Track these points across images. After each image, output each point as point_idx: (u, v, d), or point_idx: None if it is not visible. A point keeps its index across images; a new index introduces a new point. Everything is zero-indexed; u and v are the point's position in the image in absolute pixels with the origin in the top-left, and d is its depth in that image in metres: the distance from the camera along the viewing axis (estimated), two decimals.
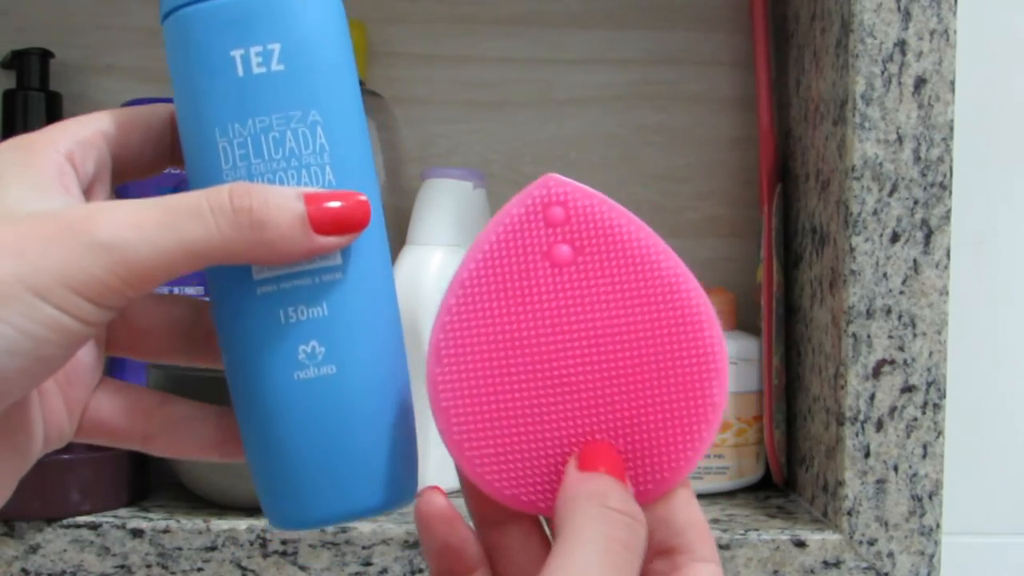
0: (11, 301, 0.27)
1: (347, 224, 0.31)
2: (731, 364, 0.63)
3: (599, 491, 0.30)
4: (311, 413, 0.31)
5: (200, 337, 0.35)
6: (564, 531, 0.29)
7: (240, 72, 0.31)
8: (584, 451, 0.31)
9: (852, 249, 0.55)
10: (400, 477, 0.32)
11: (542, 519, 0.33)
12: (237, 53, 0.31)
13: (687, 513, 0.32)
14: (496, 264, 0.31)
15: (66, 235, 0.28)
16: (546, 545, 0.33)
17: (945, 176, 0.55)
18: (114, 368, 0.68)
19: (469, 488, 0.33)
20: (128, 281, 0.28)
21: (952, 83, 0.55)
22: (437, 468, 0.58)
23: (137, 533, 0.55)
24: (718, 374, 0.32)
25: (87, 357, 0.33)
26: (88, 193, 0.32)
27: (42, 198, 0.29)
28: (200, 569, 0.55)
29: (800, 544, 0.56)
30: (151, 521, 0.55)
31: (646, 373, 0.32)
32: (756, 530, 0.56)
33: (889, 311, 0.55)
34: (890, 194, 0.55)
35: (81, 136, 0.32)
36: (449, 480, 0.46)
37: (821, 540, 0.56)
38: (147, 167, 0.34)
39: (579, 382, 0.32)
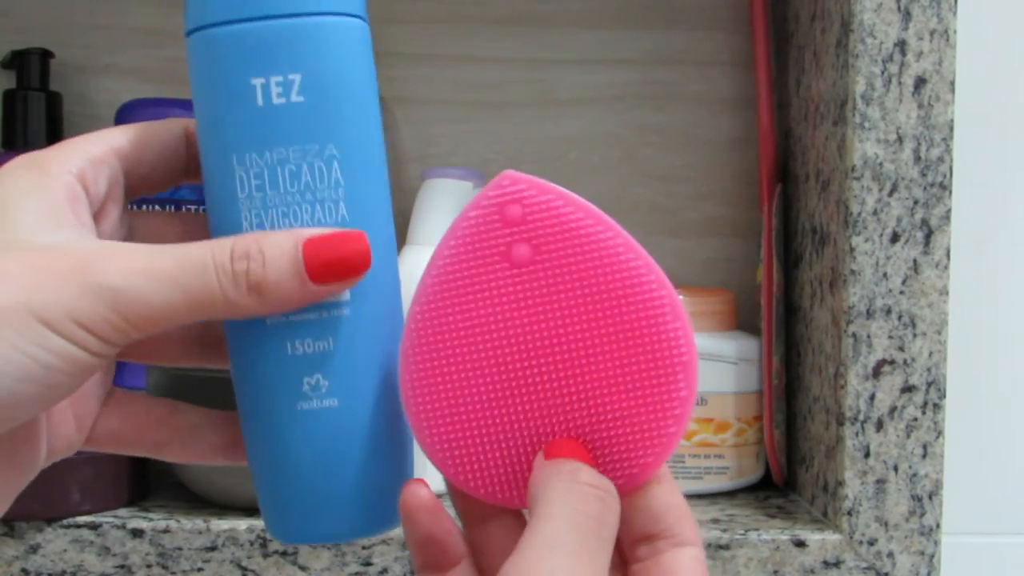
0: (23, 330, 0.28)
1: (345, 271, 0.31)
2: (731, 364, 0.63)
3: (569, 468, 0.30)
4: (311, 443, 0.32)
5: (212, 344, 0.36)
6: (536, 508, 0.30)
7: (260, 101, 0.32)
8: (549, 445, 0.31)
9: (852, 249, 0.55)
10: (391, 505, 0.33)
11: (526, 515, 0.33)
12: (258, 82, 0.31)
13: (666, 499, 0.32)
14: (457, 269, 0.32)
15: (76, 274, 0.29)
16: None
17: (945, 176, 0.55)
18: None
19: (452, 487, 0.33)
20: (134, 324, 0.29)
21: (952, 83, 0.55)
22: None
23: (137, 533, 0.55)
24: (684, 365, 0.31)
25: (99, 371, 0.34)
26: (100, 212, 0.33)
27: (55, 227, 0.30)
28: (200, 569, 0.55)
29: (800, 544, 0.56)
30: (151, 521, 0.55)
31: (613, 368, 0.31)
32: (756, 530, 0.56)
33: (889, 311, 0.55)
34: (890, 194, 0.55)
35: (93, 154, 0.32)
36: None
37: (821, 540, 0.56)
38: (161, 183, 0.35)
39: (547, 379, 0.32)
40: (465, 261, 0.32)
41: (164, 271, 0.29)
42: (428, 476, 0.34)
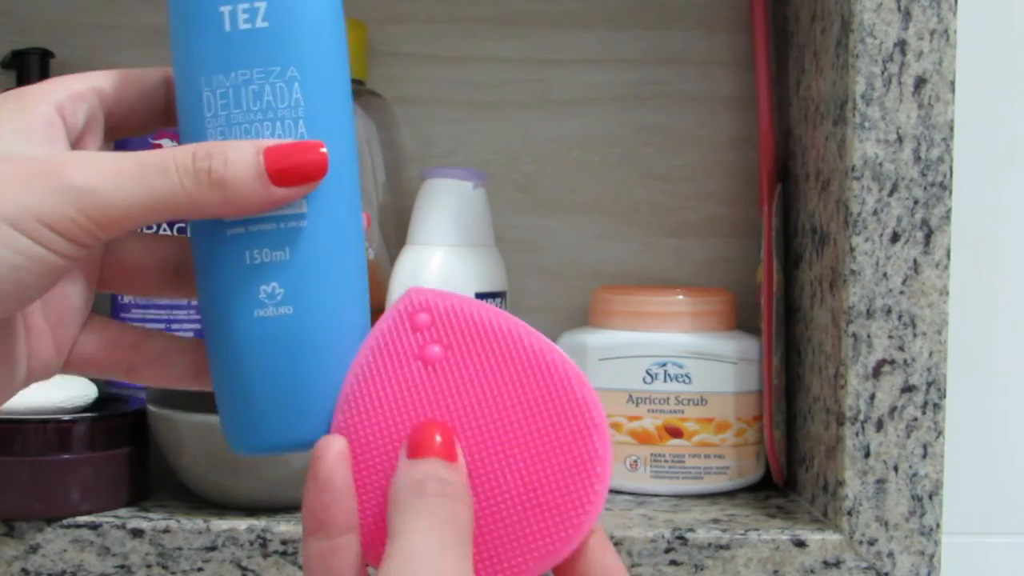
0: None
1: (304, 175, 0.33)
2: (731, 364, 0.63)
3: (416, 479, 0.32)
4: (267, 349, 0.34)
5: (188, 274, 0.37)
6: (392, 525, 0.31)
7: (227, 27, 0.34)
8: (411, 438, 0.33)
9: (852, 249, 0.55)
10: None
11: None
12: (226, 9, 0.34)
13: (602, 560, 0.34)
14: (375, 374, 0.34)
15: (43, 177, 0.31)
16: None
17: (945, 176, 0.55)
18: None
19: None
20: (99, 223, 0.31)
21: (952, 83, 0.55)
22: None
23: (137, 533, 0.55)
24: (597, 428, 0.33)
25: (76, 298, 0.35)
26: (77, 144, 0.35)
27: (28, 144, 0.32)
28: (200, 569, 0.55)
29: (800, 544, 0.56)
30: (151, 521, 0.55)
31: (531, 441, 0.33)
32: (756, 530, 0.56)
33: (889, 311, 0.55)
34: (890, 194, 0.55)
35: (73, 90, 0.34)
36: None
37: (821, 540, 0.56)
38: (141, 125, 0.37)
39: (472, 464, 0.33)
40: (382, 366, 0.34)
41: (127, 171, 0.31)
42: None
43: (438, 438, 0.33)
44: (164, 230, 0.65)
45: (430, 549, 0.30)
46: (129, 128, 0.37)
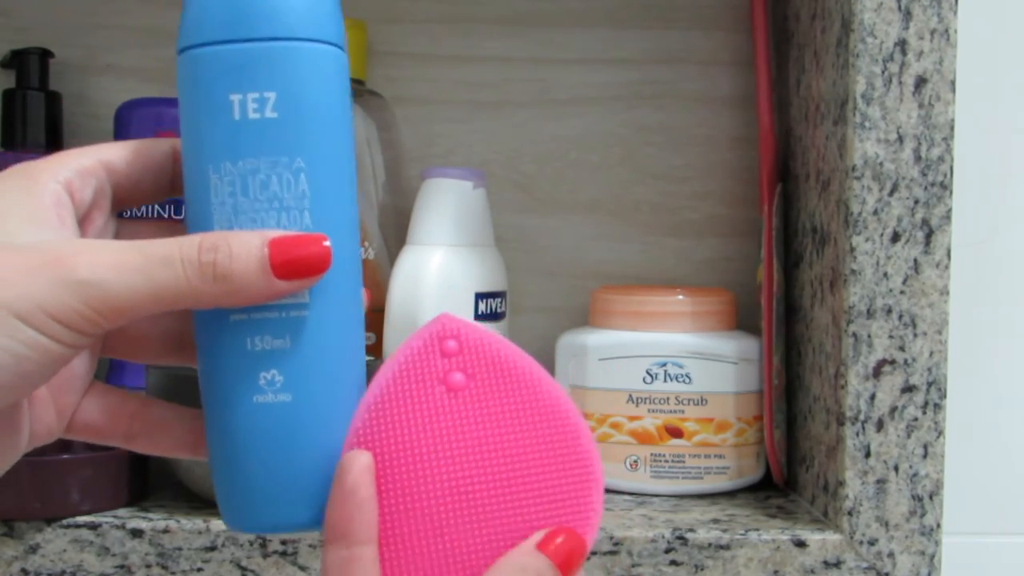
0: None
1: (308, 269, 0.33)
2: (731, 364, 0.63)
3: (525, 567, 0.34)
4: (264, 435, 0.35)
5: (190, 344, 0.37)
6: None
7: (236, 115, 0.34)
8: (550, 533, 0.35)
9: (852, 249, 0.55)
10: None
11: None
12: (236, 97, 0.34)
13: None
14: (399, 391, 0.35)
15: (49, 269, 0.31)
16: None
17: (945, 176, 0.55)
18: (114, 368, 0.68)
19: None
20: (103, 314, 0.32)
21: (952, 83, 0.55)
22: None
23: (137, 533, 0.55)
24: (596, 483, 0.35)
25: (79, 367, 0.36)
26: (85, 220, 0.35)
27: (37, 230, 0.33)
28: (200, 569, 0.55)
29: (800, 544, 0.56)
30: (151, 521, 0.55)
31: (535, 482, 0.35)
32: (756, 530, 0.56)
33: (889, 311, 0.55)
34: (890, 194, 0.55)
35: (81, 165, 0.35)
36: None
37: (821, 540, 0.56)
38: (147, 196, 0.37)
39: (478, 493, 0.35)
40: (406, 383, 0.35)
41: (132, 263, 0.32)
42: None
43: (559, 542, 0.34)
44: None
45: None
46: (135, 199, 0.37)
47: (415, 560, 0.34)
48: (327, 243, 0.33)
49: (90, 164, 0.35)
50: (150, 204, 0.38)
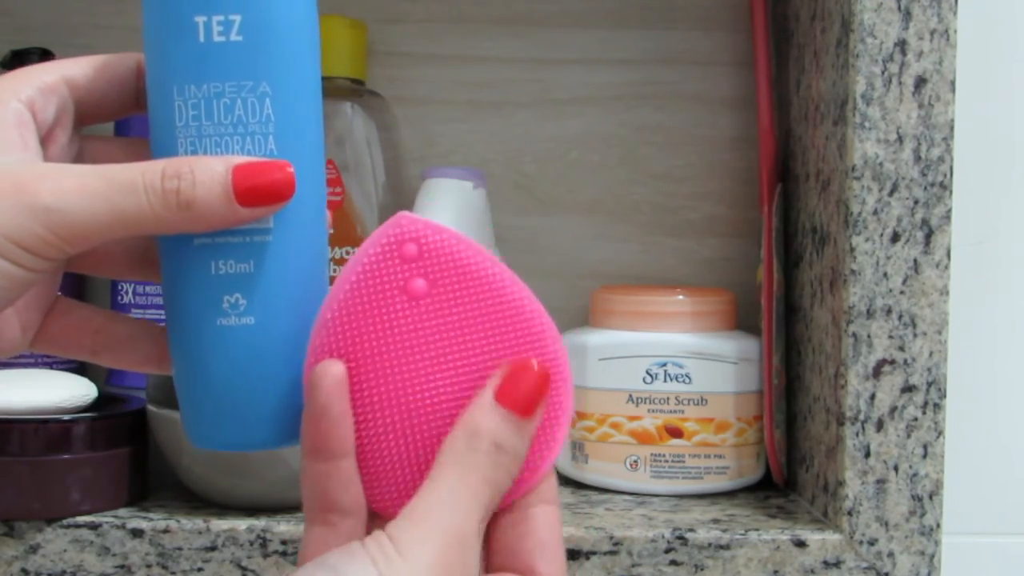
0: None
1: (271, 196, 0.33)
2: (731, 364, 0.63)
3: (478, 432, 0.33)
4: (227, 356, 0.35)
5: (153, 260, 0.37)
6: (436, 465, 0.33)
7: (201, 38, 0.34)
8: (506, 377, 0.34)
9: (852, 249, 0.55)
10: (299, 419, 0.35)
11: None
12: (201, 20, 0.34)
13: (541, 536, 0.36)
14: (358, 302, 0.34)
15: (12, 195, 0.31)
16: None
17: (945, 176, 0.55)
18: (114, 375, 0.68)
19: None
20: (66, 240, 0.32)
21: (952, 83, 0.55)
22: None
23: (137, 533, 0.55)
24: (564, 380, 0.35)
25: (43, 283, 0.36)
26: (48, 138, 0.35)
27: (1, 151, 0.33)
28: (200, 569, 0.55)
29: (800, 544, 0.56)
30: (151, 521, 0.55)
31: None
32: (756, 530, 0.56)
33: (889, 311, 0.55)
34: (890, 194, 0.55)
35: (44, 83, 0.35)
36: None
37: (821, 540, 0.56)
38: (112, 112, 0.37)
39: (444, 399, 0.34)
40: (366, 294, 0.34)
41: (95, 190, 0.32)
42: None
43: (526, 384, 0.34)
44: None
45: (461, 504, 0.32)
46: (100, 116, 0.37)
47: (388, 465, 0.34)
48: (291, 170, 0.33)
49: (53, 81, 0.35)
50: (114, 119, 0.38)
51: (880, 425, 0.55)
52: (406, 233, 0.34)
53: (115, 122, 0.37)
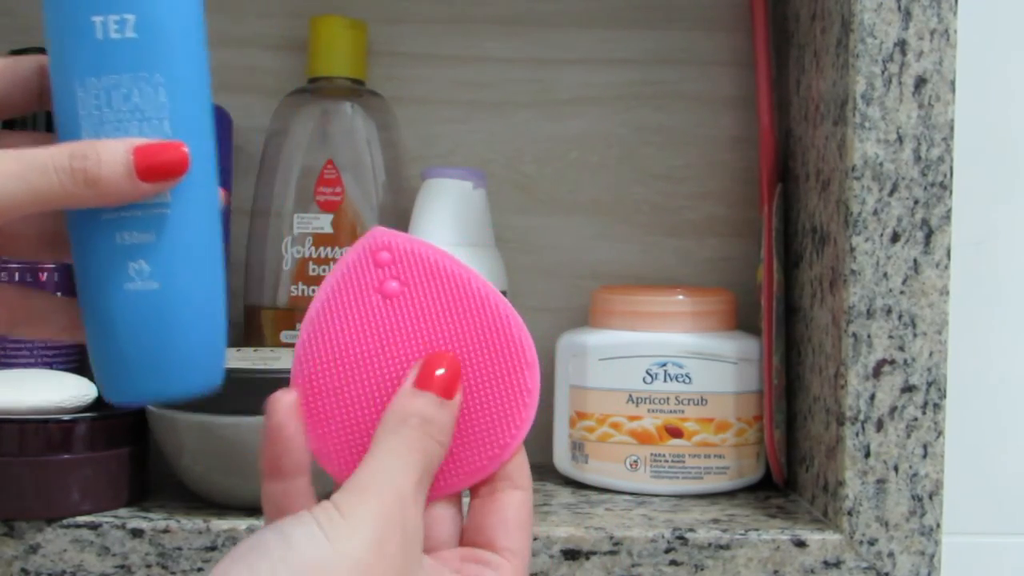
0: None
1: (168, 172, 0.37)
2: (731, 364, 0.63)
3: (406, 411, 0.37)
4: (136, 318, 0.39)
5: (62, 241, 0.41)
6: (373, 442, 0.37)
7: (99, 36, 0.38)
8: (421, 368, 0.38)
9: (852, 249, 0.55)
10: (204, 372, 0.40)
11: None
12: (98, 19, 0.38)
13: (508, 514, 0.39)
14: (338, 301, 0.38)
15: None
16: None
17: (945, 176, 0.55)
18: None
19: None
20: None
21: (952, 83, 0.55)
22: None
23: (137, 533, 0.55)
24: (529, 365, 0.39)
25: None
26: None
27: None
28: (200, 569, 0.55)
29: (800, 544, 0.56)
30: (151, 521, 0.55)
31: (473, 371, 0.39)
32: (756, 530, 0.56)
33: (889, 311, 0.55)
34: (890, 194, 0.55)
35: None
36: None
37: (821, 540, 0.56)
38: (17, 109, 0.41)
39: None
40: (345, 294, 0.39)
41: (10, 171, 0.36)
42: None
43: (440, 372, 0.38)
44: None
45: (395, 468, 0.36)
46: (6, 112, 0.40)
47: (361, 448, 0.38)
48: (185, 149, 0.38)
49: None
50: (18, 115, 0.42)
51: (880, 425, 0.55)
52: (380, 242, 0.39)
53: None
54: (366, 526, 0.35)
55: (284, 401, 0.38)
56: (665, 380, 0.63)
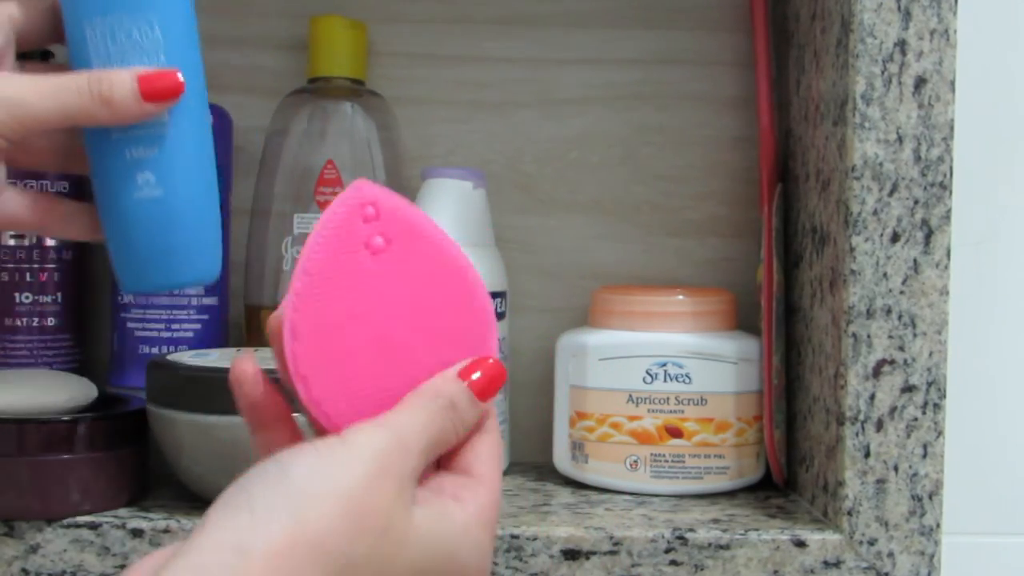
0: None
1: (167, 94, 0.46)
2: (731, 364, 0.63)
3: (442, 390, 0.40)
4: (145, 221, 0.47)
5: (76, 155, 0.49)
6: (405, 400, 0.40)
7: None
8: (471, 363, 0.41)
9: (852, 249, 0.55)
10: (204, 264, 0.49)
11: None
12: None
13: (478, 448, 0.43)
14: (328, 253, 0.40)
15: None
16: None
17: (945, 176, 0.55)
18: (115, 369, 0.68)
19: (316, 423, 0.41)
20: (25, 124, 0.45)
21: (952, 83, 0.55)
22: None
23: (137, 533, 0.55)
24: (493, 328, 0.43)
25: None
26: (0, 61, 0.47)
27: None
28: None
29: (800, 544, 0.56)
30: (151, 521, 0.55)
31: (445, 328, 0.42)
32: (756, 530, 0.56)
33: (889, 311, 0.55)
34: (890, 194, 0.55)
35: None
36: None
37: (821, 540, 0.56)
38: (41, 41, 0.49)
39: (398, 338, 0.41)
40: (335, 247, 0.40)
41: (46, 90, 0.45)
42: None
43: (478, 375, 0.41)
44: None
45: (411, 423, 0.38)
46: (31, 44, 0.48)
47: (349, 397, 0.40)
48: (179, 75, 0.46)
49: (3, 19, 0.47)
50: (42, 47, 0.50)
51: (880, 425, 0.55)
52: (366, 197, 0.41)
53: None
54: (365, 456, 0.36)
55: (248, 373, 0.41)
56: (665, 380, 0.63)
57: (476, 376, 0.41)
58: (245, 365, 0.41)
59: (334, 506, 0.35)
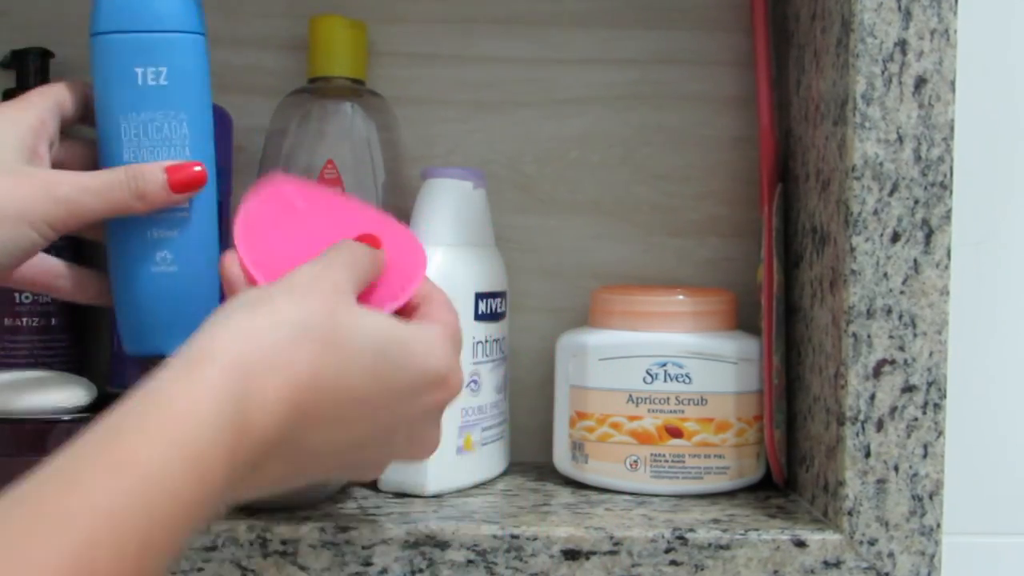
0: (17, 228, 0.49)
1: (192, 185, 0.53)
2: (731, 364, 0.63)
3: (344, 243, 0.48)
4: (159, 293, 0.54)
5: (96, 226, 0.54)
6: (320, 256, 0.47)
7: (140, 82, 0.53)
8: (362, 236, 0.50)
9: (852, 249, 0.55)
10: None
11: None
12: (139, 70, 0.53)
13: (424, 290, 0.52)
14: (264, 213, 0.51)
15: (43, 189, 0.50)
16: None
17: (945, 176, 0.55)
18: (116, 371, 0.68)
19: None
20: (77, 219, 0.51)
21: (952, 83, 0.55)
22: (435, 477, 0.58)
23: None
24: (418, 250, 0.53)
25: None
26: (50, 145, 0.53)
27: (27, 160, 0.51)
28: (200, 569, 0.55)
29: (800, 544, 0.56)
30: None
31: (350, 232, 0.50)
32: (756, 530, 0.56)
33: (889, 311, 0.55)
34: (890, 194, 0.55)
35: (48, 105, 0.53)
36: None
37: (821, 540, 0.56)
38: (75, 123, 0.55)
39: (316, 244, 0.48)
40: (266, 205, 0.51)
41: (93, 188, 0.51)
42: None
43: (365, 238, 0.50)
44: None
45: (332, 264, 0.46)
46: (68, 125, 0.55)
47: (279, 273, 0.46)
48: (203, 168, 0.53)
49: (52, 104, 0.53)
50: (74, 127, 0.55)
51: (880, 425, 0.55)
52: (283, 180, 0.53)
53: None
54: (297, 285, 0.43)
55: (228, 267, 0.49)
56: (665, 380, 0.63)
57: (365, 234, 0.50)
58: (230, 264, 0.49)
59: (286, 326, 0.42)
